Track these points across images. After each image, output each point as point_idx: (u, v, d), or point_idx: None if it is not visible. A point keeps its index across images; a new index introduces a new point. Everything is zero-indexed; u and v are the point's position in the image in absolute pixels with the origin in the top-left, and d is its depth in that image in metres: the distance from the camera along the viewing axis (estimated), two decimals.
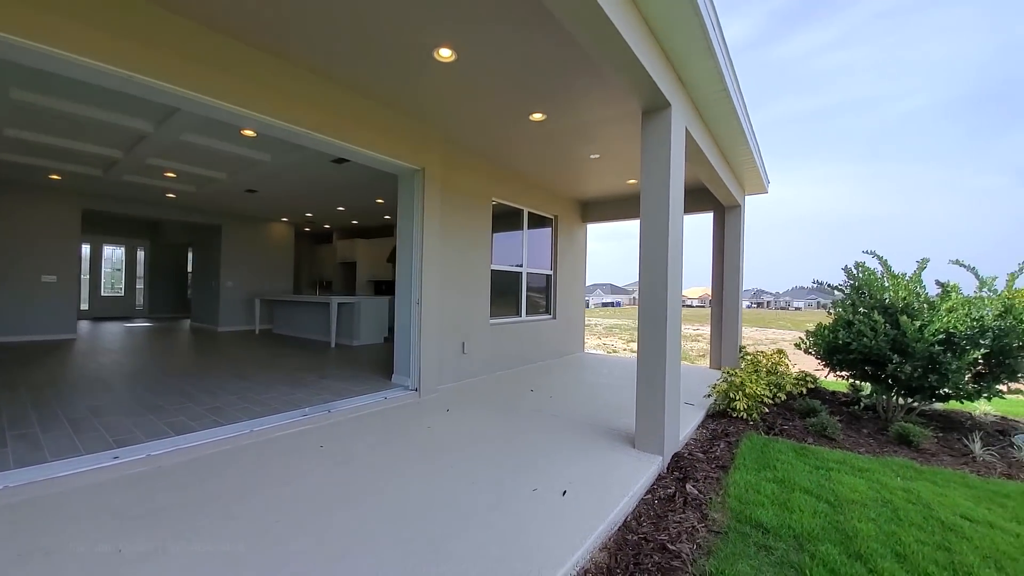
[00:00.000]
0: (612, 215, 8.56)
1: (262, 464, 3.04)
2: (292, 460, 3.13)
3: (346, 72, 3.83)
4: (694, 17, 2.90)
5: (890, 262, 5.26)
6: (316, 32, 3.21)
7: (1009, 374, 4.40)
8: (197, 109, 3.28)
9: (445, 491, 2.70)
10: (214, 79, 3.18)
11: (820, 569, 2.14)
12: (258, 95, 3.47)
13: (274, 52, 3.52)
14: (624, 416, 4.41)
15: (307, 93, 3.83)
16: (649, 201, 3.56)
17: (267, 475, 2.87)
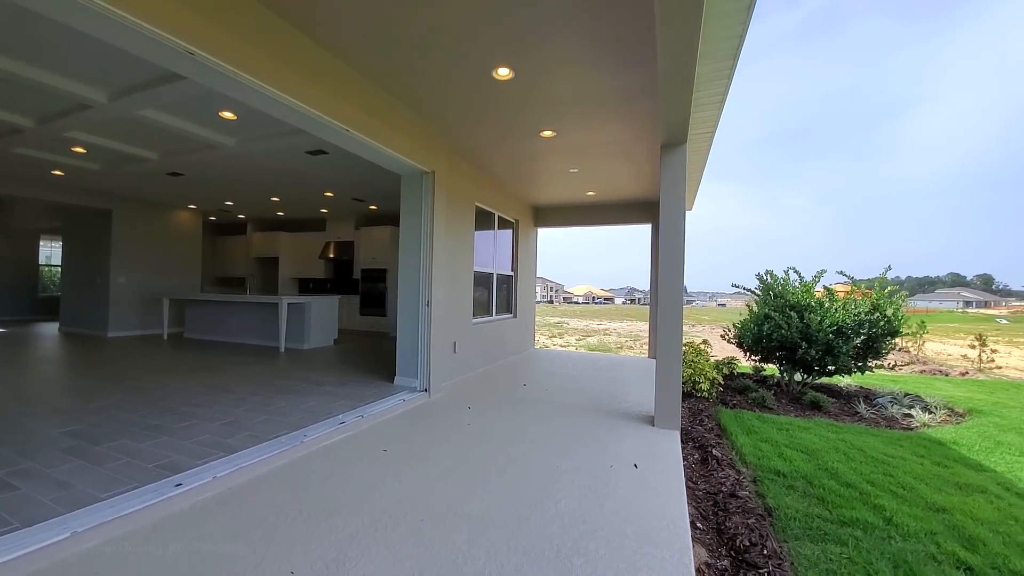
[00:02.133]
0: (562, 221, 9.33)
1: (349, 465, 3.03)
2: (367, 463, 3.16)
3: (390, 77, 3.85)
4: (725, 79, 3.66)
5: (777, 271, 6.87)
6: (371, 35, 3.21)
7: (875, 354, 6.13)
8: (250, 97, 3.07)
9: (547, 468, 3.05)
10: (276, 69, 3.02)
11: (832, 495, 3.02)
12: (313, 89, 3.35)
13: (329, 47, 3.43)
14: (619, 401, 5.12)
15: (352, 92, 3.77)
16: (667, 218, 4.27)
17: (366, 476, 2.90)
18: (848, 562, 2.26)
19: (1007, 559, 2.32)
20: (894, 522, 2.67)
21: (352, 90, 3.80)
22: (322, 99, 3.45)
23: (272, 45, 3.03)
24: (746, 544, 2.37)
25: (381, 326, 10.25)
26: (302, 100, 3.26)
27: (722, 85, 3.71)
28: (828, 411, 5.49)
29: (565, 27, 3.07)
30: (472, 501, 2.62)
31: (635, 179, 6.95)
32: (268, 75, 2.97)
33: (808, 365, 6.28)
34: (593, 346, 14.68)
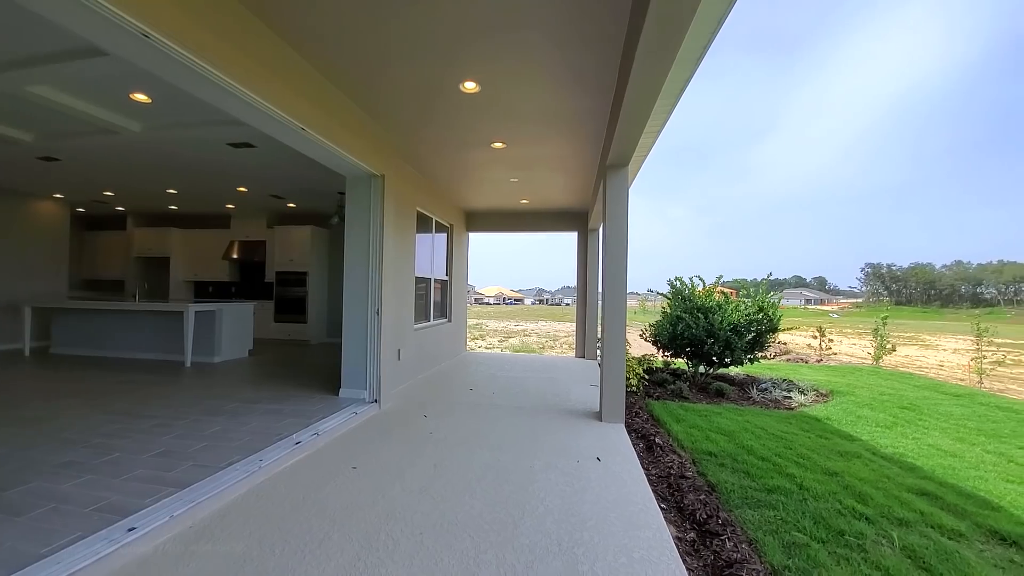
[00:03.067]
0: (494, 226, 9.56)
1: (321, 486, 2.91)
2: (340, 482, 3.07)
3: (352, 81, 3.75)
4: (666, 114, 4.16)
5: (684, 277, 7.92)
6: (332, 35, 3.14)
7: (760, 348, 7.30)
8: (205, 89, 2.81)
9: (522, 469, 3.23)
10: (237, 60, 2.80)
11: (754, 469, 3.64)
12: (273, 84, 3.14)
13: (290, 41, 3.25)
14: (563, 400, 5.49)
15: (311, 90, 3.60)
16: (612, 231, 4.69)
17: (343, 496, 2.82)
18: (781, 522, 2.79)
19: (891, 508, 3.04)
20: (804, 487, 3.32)
21: (312, 89, 3.63)
22: (282, 95, 3.26)
23: (234, 34, 2.81)
24: (704, 517, 2.79)
25: (301, 334, 9.54)
26: (262, 96, 3.06)
27: (664, 117, 4.21)
28: (730, 397, 6.43)
29: (540, 53, 3.29)
30: (463, 509, 2.70)
31: (569, 190, 7.43)
32: (228, 65, 2.74)
33: (711, 358, 7.28)
34: (517, 347, 15.13)
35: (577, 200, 8.10)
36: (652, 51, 2.52)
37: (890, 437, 4.68)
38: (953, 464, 3.95)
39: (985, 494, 3.34)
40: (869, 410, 5.75)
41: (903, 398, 6.45)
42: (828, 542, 2.58)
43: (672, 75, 3.06)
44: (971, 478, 3.64)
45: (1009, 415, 5.69)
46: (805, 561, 2.37)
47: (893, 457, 4.09)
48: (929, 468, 3.84)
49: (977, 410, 5.89)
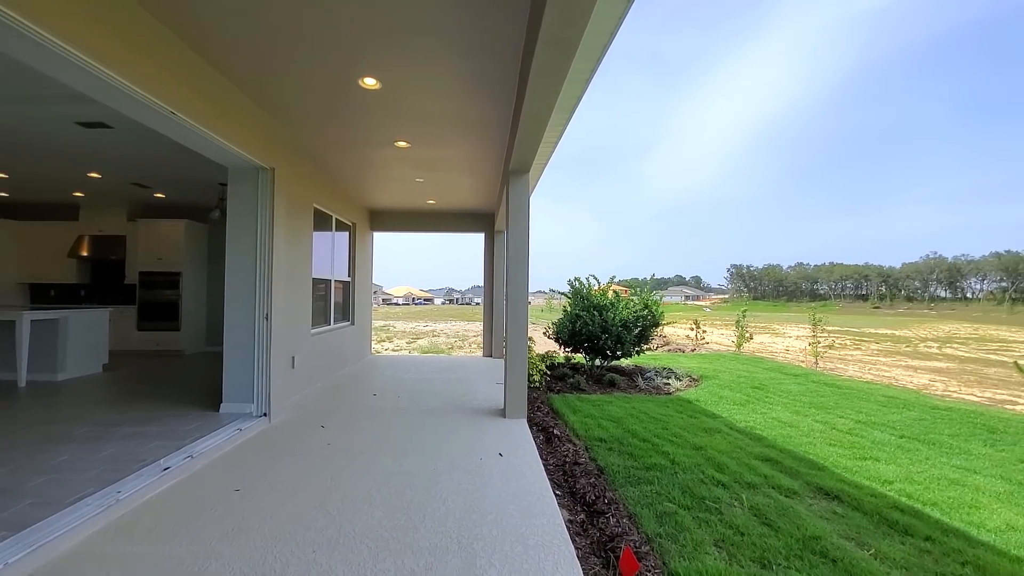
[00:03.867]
0: (399, 226, 9.33)
1: (196, 515, 2.64)
2: (220, 508, 2.84)
3: (239, 67, 3.45)
4: (563, 126, 4.44)
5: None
6: (212, 16, 2.89)
7: (646, 341, 8.11)
8: (47, 62, 2.40)
9: (425, 472, 3.25)
10: (92, 31, 2.43)
11: (637, 450, 4.07)
12: (133, 59, 2.77)
13: (160, 16, 2.89)
14: (469, 399, 5.59)
15: (186, 71, 3.23)
16: (514, 234, 4.89)
17: (224, 522, 2.60)
18: (656, 495, 3.18)
19: (742, 474, 3.61)
20: (676, 462, 3.81)
21: (187, 70, 3.26)
22: (148, 74, 2.88)
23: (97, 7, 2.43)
24: (592, 498, 3.07)
25: (173, 343, 8.38)
26: (122, 73, 2.67)
27: (560, 129, 4.50)
28: (620, 387, 7.07)
29: (443, 58, 3.32)
30: (361, 519, 2.65)
31: (476, 192, 7.53)
32: (76, 35, 2.36)
33: (605, 352, 7.93)
34: (426, 348, 14.92)
35: (484, 202, 8.24)
36: (544, 71, 2.70)
37: (744, 413, 5.53)
38: (791, 433, 4.80)
39: (814, 457, 4.12)
40: (729, 391, 6.73)
41: (755, 379, 7.65)
42: (692, 508, 3.00)
43: (565, 92, 3.29)
44: (803, 444, 4.46)
45: (834, 390, 7.04)
46: (674, 527, 2.74)
47: (746, 430, 4.85)
48: (772, 438, 4.63)
49: (810, 387, 7.20)
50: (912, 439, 4.58)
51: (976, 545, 2.64)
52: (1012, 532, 2.81)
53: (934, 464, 3.92)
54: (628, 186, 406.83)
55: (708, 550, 2.50)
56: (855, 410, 5.69)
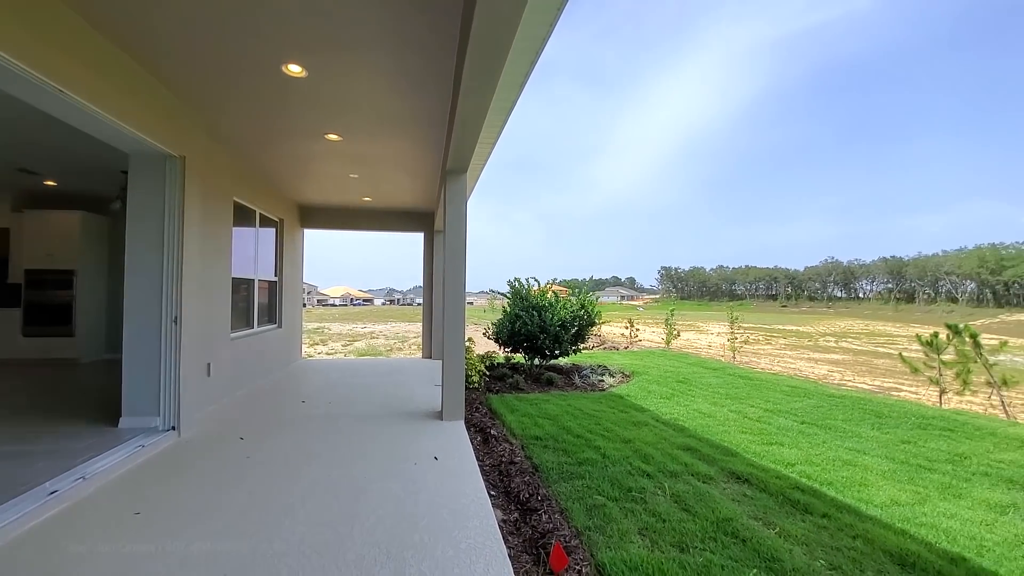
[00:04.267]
0: (332, 223, 8.89)
1: (93, 547, 2.35)
2: (114, 536, 2.55)
3: (141, 43, 3.11)
4: (499, 127, 4.45)
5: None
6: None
7: (583, 340, 8.38)
8: None
9: (355, 480, 3.11)
10: None
11: (570, 446, 4.19)
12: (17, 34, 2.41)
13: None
14: (406, 403, 5.46)
15: (68, 38, 2.85)
16: (451, 234, 4.84)
17: (123, 552, 2.33)
18: (586, 488, 3.29)
19: (665, 464, 3.82)
20: (606, 455, 3.96)
21: (78, 42, 2.88)
22: (25, 44, 2.51)
23: None
24: (526, 496, 3.11)
25: (66, 350, 7.37)
26: None
27: (497, 130, 4.51)
28: (558, 385, 7.24)
29: (374, 47, 3.20)
30: (281, 537, 2.49)
31: (414, 191, 7.36)
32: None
33: (544, 351, 8.09)
34: (363, 351, 14.39)
35: (423, 201, 8.08)
36: (477, 72, 2.69)
37: (669, 406, 5.88)
38: (709, 423, 5.16)
39: (728, 444, 4.46)
40: (657, 386, 7.13)
41: (680, 374, 8.17)
42: (619, 500, 3.13)
43: (500, 94, 3.31)
44: (720, 433, 4.82)
45: (747, 382, 7.68)
46: (602, 519, 2.84)
47: (670, 422, 5.16)
48: (693, 428, 4.96)
49: (727, 380, 7.80)
50: (811, 424, 5.12)
51: (865, 520, 2.99)
52: (895, 507, 3.20)
53: (830, 447, 4.40)
54: (569, 191, 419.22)
55: (633, 539, 2.62)
56: (764, 399, 6.25)
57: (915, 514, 3.03)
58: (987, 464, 3.89)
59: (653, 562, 2.36)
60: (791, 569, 2.37)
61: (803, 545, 2.64)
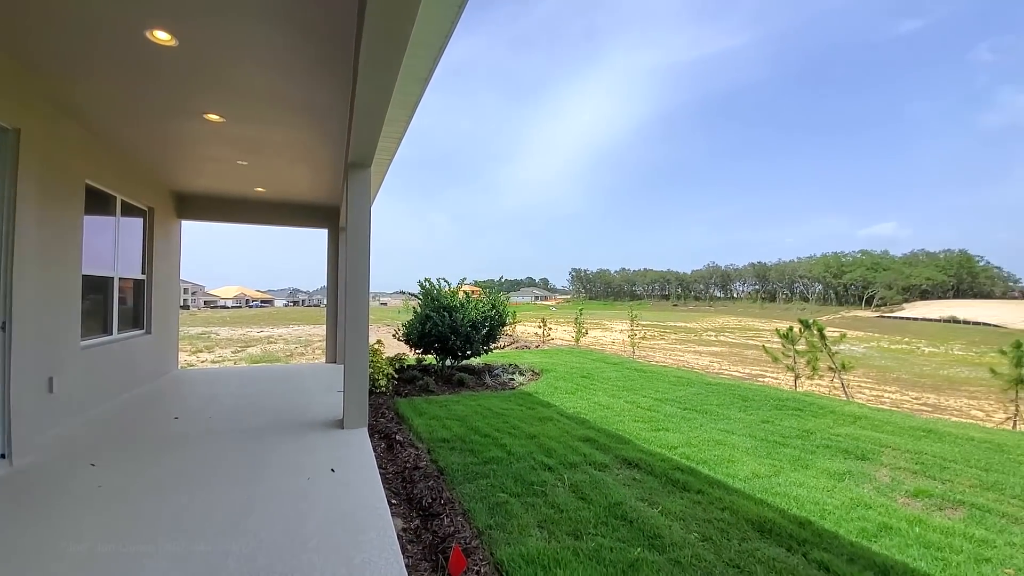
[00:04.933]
0: (219, 215, 7.96)
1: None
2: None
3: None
4: (405, 122, 4.32)
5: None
6: None
7: (494, 340, 8.48)
8: None
9: (236, 503, 2.81)
10: None
11: (477, 446, 4.22)
12: None
13: None
14: (303, 412, 5.08)
15: None
16: (354, 231, 4.60)
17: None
18: (491, 487, 3.32)
19: (566, 456, 4.00)
20: (512, 452, 4.05)
21: None
22: None
23: None
24: (429, 501, 3.06)
25: None
26: None
27: (403, 126, 4.39)
28: (468, 385, 7.25)
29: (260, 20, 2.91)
30: (146, 570, 2.17)
31: (316, 183, 6.87)
32: None
33: (455, 352, 8.05)
34: (257, 357, 13.12)
35: (326, 195, 7.57)
36: (375, 62, 2.59)
37: (573, 400, 6.19)
38: (607, 414, 5.52)
39: (622, 432, 4.80)
40: (563, 382, 7.47)
41: (584, 369, 8.65)
42: (522, 495, 3.22)
43: (402, 87, 3.22)
44: (615, 422, 5.17)
45: (641, 374, 8.35)
46: (503, 516, 2.90)
47: (573, 415, 5.43)
48: (593, 420, 5.27)
49: (625, 373, 8.42)
50: (692, 410, 5.72)
51: (732, 492, 3.40)
52: (756, 479, 3.68)
53: (705, 429, 4.95)
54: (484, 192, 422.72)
55: (532, 532, 2.70)
56: (654, 390, 6.87)
57: (771, 485, 3.53)
58: (828, 438, 4.67)
59: (549, 552, 2.46)
60: (670, 544, 2.62)
61: (681, 520, 2.93)
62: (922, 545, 2.63)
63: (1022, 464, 3.80)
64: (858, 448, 4.29)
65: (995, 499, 3.24)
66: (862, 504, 3.20)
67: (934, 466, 3.84)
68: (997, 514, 3.02)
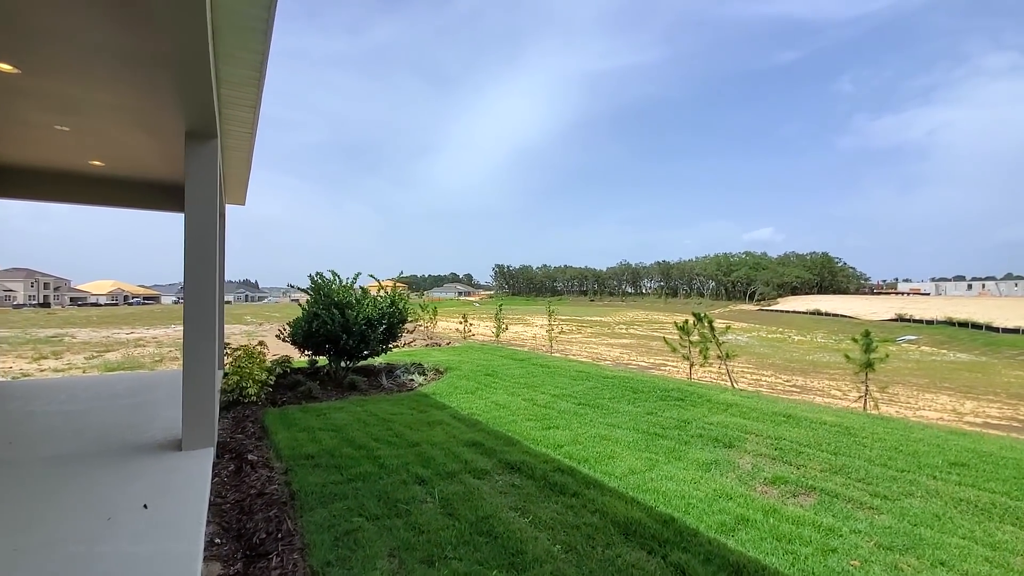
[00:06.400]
0: (42, 192, 6.47)
1: None
2: None
3: None
4: (254, 87, 3.69)
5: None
6: None
7: (394, 338, 7.94)
8: None
9: None
10: None
11: (347, 460, 3.76)
12: None
13: None
14: (138, 432, 4.24)
15: None
16: (197, 213, 3.88)
17: None
18: (347, 510, 2.91)
19: (445, 465, 3.69)
20: (384, 465, 3.65)
21: None
22: None
23: None
24: (263, 537, 2.58)
25: None
26: None
27: (252, 91, 3.75)
28: (360, 389, 6.68)
29: None
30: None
31: (165, 158, 5.80)
32: None
33: (350, 353, 7.40)
34: (116, 364, 11.21)
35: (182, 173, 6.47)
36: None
37: (470, 400, 5.93)
38: (501, 414, 5.32)
39: (511, 433, 4.60)
40: (465, 380, 7.18)
41: (490, 367, 8.44)
42: (381, 517, 2.85)
43: (235, 39, 2.67)
44: (508, 423, 4.97)
45: (545, 370, 8.32)
46: (350, 548, 2.51)
47: (466, 417, 5.15)
48: (486, 421, 5.03)
49: (530, 369, 8.34)
50: (585, 405, 5.73)
51: (606, 493, 3.31)
52: (632, 475, 3.64)
53: (594, 424, 4.94)
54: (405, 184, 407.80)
55: (378, 564, 2.35)
56: (554, 386, 6.83)
57: (645, 480, 3.52)
58: (702, 427, 4.87)
59: None
60: (532, 560, 2.42)
61: (549, 530, 2.76)
62: (775, 538, 2.71)
63: (866, 447, 4.21)
64: (726, 436, 4.51)
65: (842, 483, 3.50)
66: (724, 495, 3.29)
67: (791, 451, 4.12)
68: (844, 499, 3.25)
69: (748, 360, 22.54)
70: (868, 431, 4.61)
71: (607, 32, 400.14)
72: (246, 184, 6.82)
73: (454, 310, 39.60)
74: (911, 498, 3.29)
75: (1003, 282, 75.22)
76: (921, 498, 3.28)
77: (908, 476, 3.62)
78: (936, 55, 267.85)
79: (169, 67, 3.51)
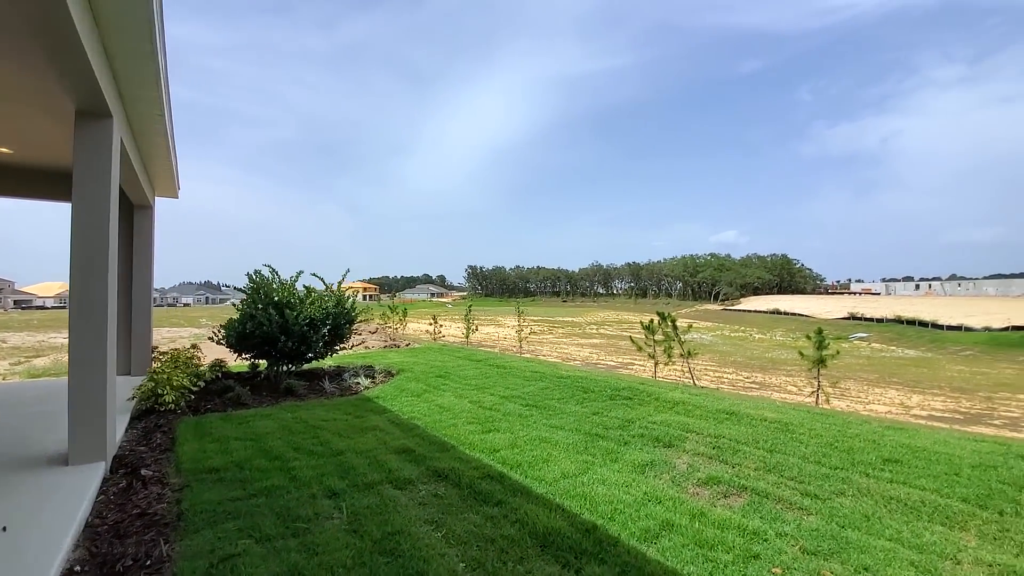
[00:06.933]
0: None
1: None
2: None
3: None
4: (150, 60, 3.33)
5: (278, 269, 7.41)
6: None
7: (341, 340, 7.56)
8: None
9: None
10: None
11: (256, 473, 3.44)
12: None
13: None
14: (27, 446, 3.80)
15: None
16: (90, 204, 3.50)
17: None
18: (237, 531, 2.61)
19: (366, 475, 3.42)
20: (296, 478, 3.35)
21: None
22: None
23: None
24: (128, 564, 2.26)
25: None
26: None
27: (149, 64, 3.38)
28: (298, 394, 6.29)
29: None
30: None
31: (60, 141, 5.25)
32: None
33: (290, 355, 6.98)
34: (41, 371, 10.36)
35: None
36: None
37: (414, 404, 5.65)
38: (443, 417, 5.06)
39: (447, 438, 4.35)
40: (414, 383, 6.89)
41: (444, 368, 8.16)
42: (274, 538, 2.56)
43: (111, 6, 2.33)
44: (448, 427, 4.72)
45: (499, 371, 8.10)
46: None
47: (405, 422, 4.88)
48: (425, 425, 4.77)
49: (484, 370, 8.10)
50: (532, 406, 5.54)
51: (532, 500, 3.11)
52: (563, 480, 3.45)
53: (537, 427, 4.75)
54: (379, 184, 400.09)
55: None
56: (506, 387, 6.62)
57: (576, 485, 3.35)
58: (644, 426, 4.76)
59: None
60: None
61: (461, 545, 2.54)
62: (697, 544, 2.58)
63: (802, 443, 4.18)
64: (667, 435, 4.40)
65: (775, 482, 3.42)
66: (654, 498, 3.15)
67: (728, 450, 4.05)
68: (774, 499, 3.16)
69: (711, 358, 23.03)
70: (806, 427, 4.60)
71: (582, 36, 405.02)
72: (173, 174, 6.32)
73: (426, 311, 38.96)
74: (842, 497, 3.23)
75: (947, 282, 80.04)
76: (852, 497, 3.23)
77: (841, 474, 3.58)
78: (889, 66, 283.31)
79: (38, 36, 3.12)
